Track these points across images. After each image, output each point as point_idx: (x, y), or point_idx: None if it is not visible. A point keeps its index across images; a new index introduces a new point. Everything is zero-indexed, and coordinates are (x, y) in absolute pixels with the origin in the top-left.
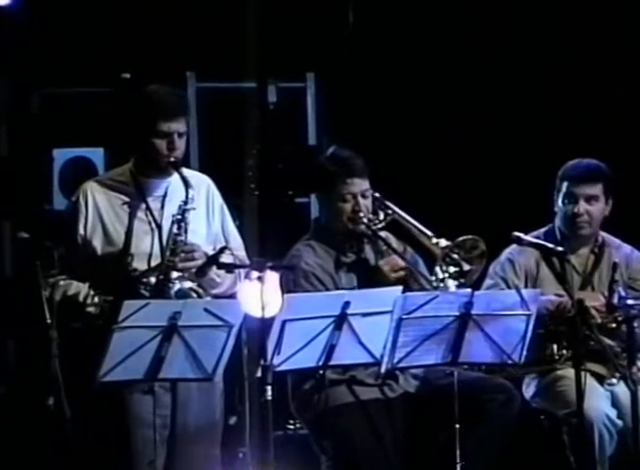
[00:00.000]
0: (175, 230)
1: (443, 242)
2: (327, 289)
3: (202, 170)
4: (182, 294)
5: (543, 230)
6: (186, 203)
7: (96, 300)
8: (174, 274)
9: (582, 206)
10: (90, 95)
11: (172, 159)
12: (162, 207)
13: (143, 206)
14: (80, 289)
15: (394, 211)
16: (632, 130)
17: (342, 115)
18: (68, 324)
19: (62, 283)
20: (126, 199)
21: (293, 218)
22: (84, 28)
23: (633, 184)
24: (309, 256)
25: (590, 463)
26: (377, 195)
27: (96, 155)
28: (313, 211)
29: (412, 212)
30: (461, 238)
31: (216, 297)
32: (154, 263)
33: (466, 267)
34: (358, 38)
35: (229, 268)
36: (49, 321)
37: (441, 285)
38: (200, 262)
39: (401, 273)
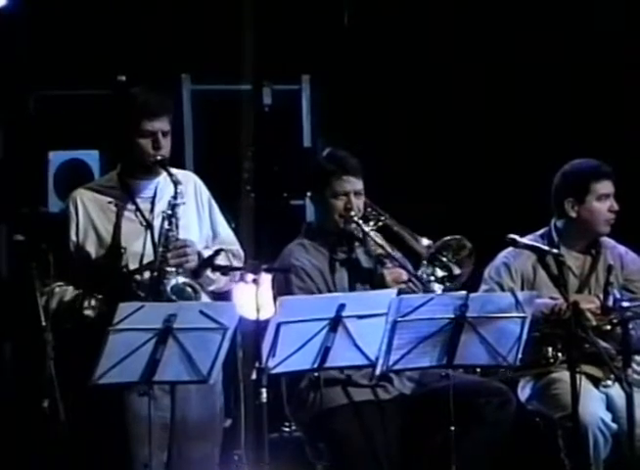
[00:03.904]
0: (166, 226)
1: (425, 241)
2: (317, 285)
3: (197, 173)
4: (178, 289)
5: (539, 233)
6: (175, 198)
7: (93, 303)
8: (169, 270)
9: (614, 203)
10: (86, 97)
11: (159, 157)
12: (152, 207)
13: (132, 207)
14: (77, 294)
15: (387, 218)
16: (631, 131)
17: (337, 117)
18: (63, 326)
19: (57, 290)
20: (115, 201)
21: (288, 220)
22: (80, 31)
23: (632, 184)
24: (300, 253)
25: (585, 467)
26: (368, 201)
27: (91, 157)
28: (308, 213)
29: (407, 214)
30: (445, 238)
31: (214, 293)
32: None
33: (456, 271)
34: (353, 41)
35: (224, 271)
36: (44, 324)
37: (425, 289)
38: (192, 258)
39: (403, 286)
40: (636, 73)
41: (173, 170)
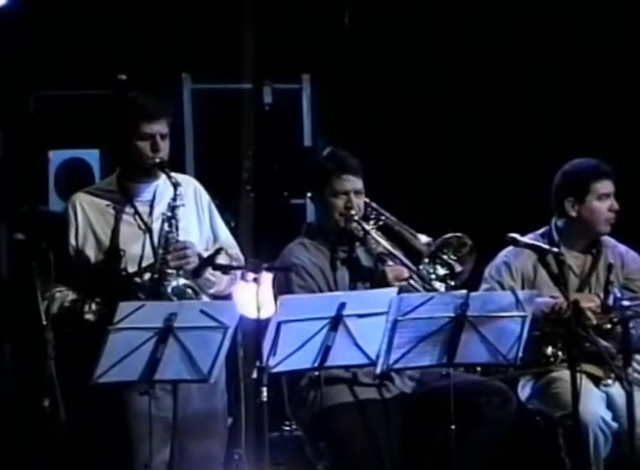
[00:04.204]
0: (166, 228)
1: (424, 238)
2: (317, 284)
3: (197, 172)
4: (178, 291)
5: (540, 232)
6: (175, 200)
7: (94, 307)
8: (169, 272)
9: (615, 202)
10: (86, 97)
11: (157, 160)
12: (151, 210)
13: (131, 210)
14: (77, 298)
15: (387, 217)
16: (631, 130)
17: (337, 116)
18: (64, 330)
19: (58, 295)
20: (114, 204)
21: (288, 220)
22: (81, 30)
23: (633, 184)
24: (301, 252)
25: (585, 465)
26: (368, 201)
27: (92, 156)
28: (309, 212)
29: (407, 213)
30: (446, 236)
31: (214, 296)
32: (146, 264)
33: (458, 269)
34: (354, 40)
35: (225, 270)
36: (44, 323)
37: (427, 287)
38: (192, 260)
39: (404, 283)
40: (636, 73)
41: (172, 175)
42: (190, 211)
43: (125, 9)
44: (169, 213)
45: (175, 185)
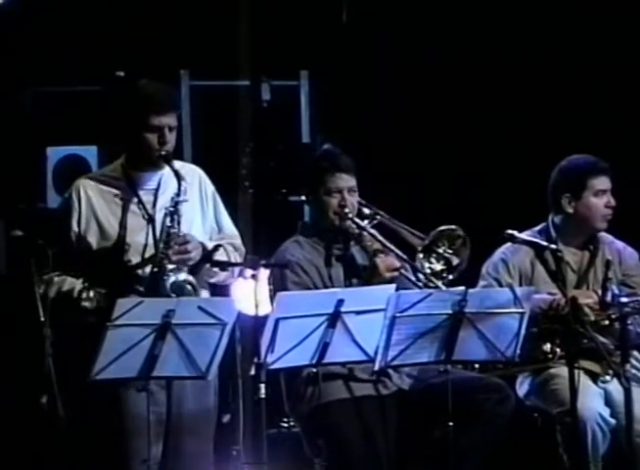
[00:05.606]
0: (168, 222)
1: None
2: (312, 280)
3: None
4: (177, 286)
5: (537, 229)
6: (178, 195)
7: (91, 294)
8: (169, 266)
9: (612, 198)
10: (84, 93)
11: (164, 152)
12: (155, 199)
13: (135, 199)
14: (75, 284)
15: (382, 216)
16: (625, 131)
17: (335, 113)
18: (63, 321)
19: (56, 279)
20: (119, 193)
21: (286, 216)
22: (78, 26)
23: (630, 180)
24: (295, 249)
25: (583, 462)
26: (362, 201)
27: (89, 153)
28: (306, 208)
29: (403, 210)
30: (439, 228)
31: (214, 285)
32: (148, 256)
33: (455, 261)
34: (352, 36)
35: (223, 266)
36: (43, 319)
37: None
38: (194, 254)
39: (395, 274)
40: (634, 70)
41: (179, 164)
42: (194, 202)
43: (123, 5)
44: (172, 208)
45: (179, 180)
